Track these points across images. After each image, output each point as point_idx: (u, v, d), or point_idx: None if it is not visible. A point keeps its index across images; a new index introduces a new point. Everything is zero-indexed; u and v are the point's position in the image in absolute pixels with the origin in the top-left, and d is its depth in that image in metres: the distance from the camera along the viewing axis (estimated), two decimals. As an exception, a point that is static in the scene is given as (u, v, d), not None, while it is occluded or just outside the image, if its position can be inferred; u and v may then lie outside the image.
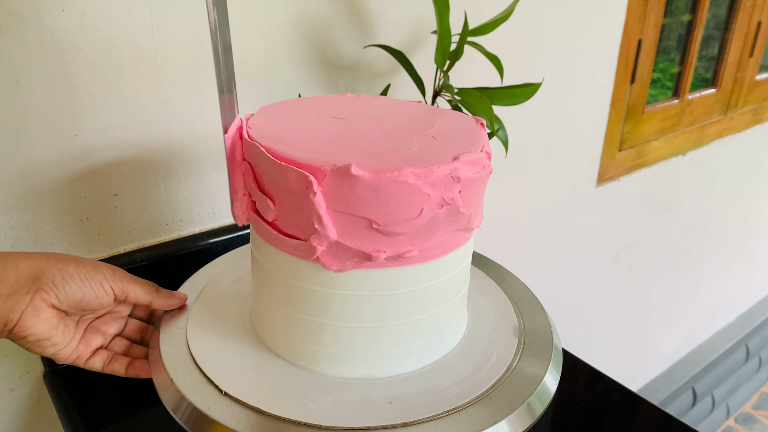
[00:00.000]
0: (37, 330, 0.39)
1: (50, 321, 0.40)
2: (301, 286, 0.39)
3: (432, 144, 0.39)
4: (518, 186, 0.97)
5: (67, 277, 0.40)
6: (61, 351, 0.41)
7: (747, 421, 1.86)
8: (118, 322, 0.46)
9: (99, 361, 0.44)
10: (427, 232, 0.38)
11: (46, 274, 0.40)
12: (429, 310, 0.41)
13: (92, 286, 0.41)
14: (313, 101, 0.47)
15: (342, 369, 0.41)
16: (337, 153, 0.37)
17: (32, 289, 0.39)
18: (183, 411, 0.38)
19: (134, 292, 0.44)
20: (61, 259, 0.41)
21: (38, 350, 0.41)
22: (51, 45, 0.49)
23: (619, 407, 0.53)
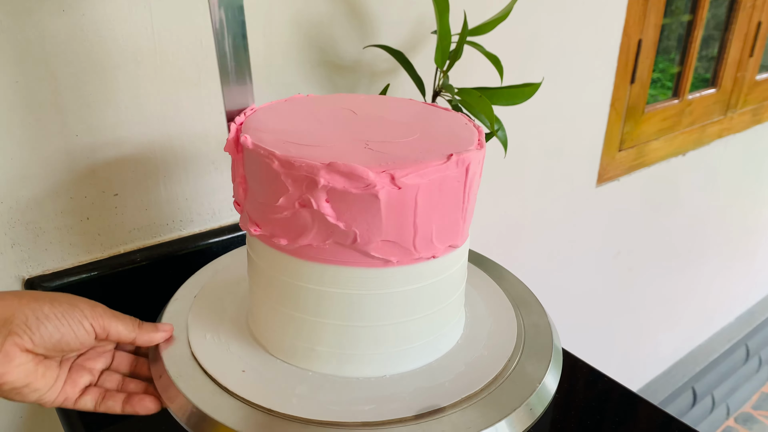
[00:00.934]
0: (13, 377, 0.36)
1: (26, 366, 0.36)
2: (296, 284, 0.39)
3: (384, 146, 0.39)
4: (518, 186, 0.97)
5: (42, 317, 0.37)
6: (44, 396, 0.38)
7: (747, 421, 1.86)
8: (103, 357, 0.42)
9: (90, 400, 0.40)
10: (294, 227, 0.37)
11: (17, 315, 0.36)
12: (425, 310, 0.41)
13: (71, 325, 0.38)
14: (306, 101, 0.48)
15: (340, 368, 0.41)
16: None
17: (2, 333, 0.35)
18: (183, 411, 0.38)
19: (116, 329, 0.40)
20: (35, 298, 0.37)
21: (19, 398, 0.37)
22: (51, 45, 0.49)
23: (619, 407, 0.53)
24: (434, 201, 0.37)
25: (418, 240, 0.38)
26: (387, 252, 0.38)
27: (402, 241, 0.37)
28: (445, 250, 0.40)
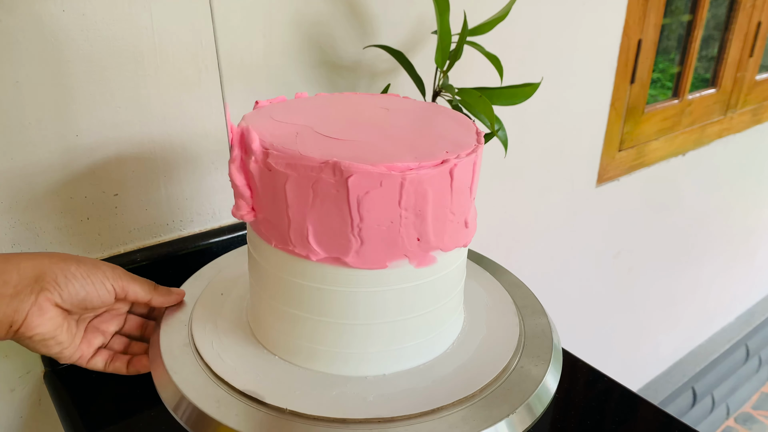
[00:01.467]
0: (43, 329, 0.39)
1: (55, 320, 0.40)
2: (296, 282, 0.40)
3: None
4: (518, 186, 0.97)
5: (70, 276, 0.41)
6: (65, 350, 0.42)
7: (747, 421, 1.86)
8: (117, 319, 0.47)
9: (101, 360, 0.44)
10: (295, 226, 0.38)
11: (48, 273, 0.40)
12: (424, 308, 0.41)
13: (94, 284, 0.42)
14: (308, 100, 0.48)
15: (339, 366, 0.41)
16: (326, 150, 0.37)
17: (36, 289, 0.39)
18: (183, 410, 0.38)
19: (134, 290, 0.45)
20: (63, 259, 0.41)
21: (44, 350, 0.41)
22: (51, 45, 0.49)
23: (619, 407, 0.53)
24: (431, 201, 0.37)
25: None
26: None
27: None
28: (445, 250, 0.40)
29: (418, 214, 0.37)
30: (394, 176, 0.35)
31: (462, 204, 0.39)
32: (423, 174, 0.36)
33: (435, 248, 0.39)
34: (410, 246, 0.38)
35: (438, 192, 0.37)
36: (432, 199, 0.37)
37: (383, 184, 0.35)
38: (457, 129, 0.42)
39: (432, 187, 0.36)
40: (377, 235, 0.37)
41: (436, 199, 0.37)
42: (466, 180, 0.39)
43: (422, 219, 0.37)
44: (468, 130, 0.42)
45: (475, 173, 0.40)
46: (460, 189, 0.38)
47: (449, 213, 0.38)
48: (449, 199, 0.38)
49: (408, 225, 0.37)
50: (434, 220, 0.38)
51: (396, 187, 0.35)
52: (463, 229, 0.41)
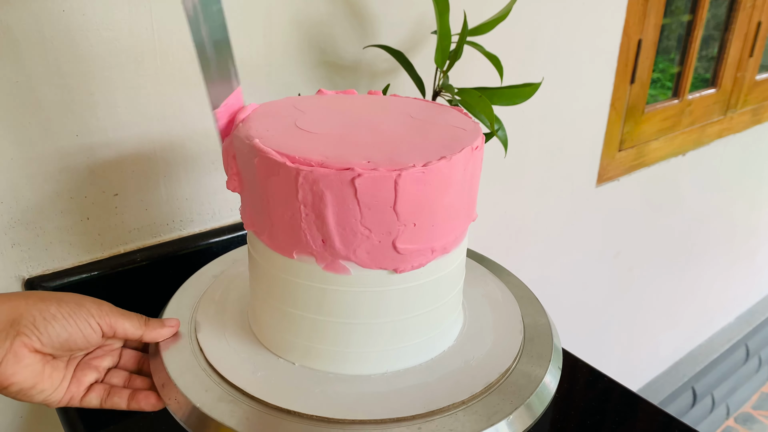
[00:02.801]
0: (20, 378, 0.36)
1: (34, 367, 0.36)
2: (297, 282, 0.40)
3: None
4: (518, 186, 0.97)
5: (49, 317, 0.37)
6: (50, 396, 0.38)
7: (747, 421, 1.86)
8: (110, 355, 0.43)
9: (95, 397, 0.40)
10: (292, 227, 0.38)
11: (25, 316, 0.36)
12: (424, 307, 0.41)
13: (78, 324, 0.38)
14: (308, 100, 0.48)
15: (335, 365, 0.41)
16: (326, 150, 0.37)
17: (11, 334, 0.35)
18: (183, 411, 0.38)
19: (122, 327, 0.41)
20: (42, 299, 0.38)
21: (25, 399, 0.37)
22: (51, 45, 0.49)
23: (619, 407, 0.53)
24: (331, 205, 0.36)
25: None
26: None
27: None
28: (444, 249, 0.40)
29: (318, 215, 0.36)
30: (290, 168, 0.35)
31: (382, 223, 0.36)
32: (319, 173, 0.35)
33: (345, 258, 0.37)
34: (315, 246, 0.37)
35: (339, 199, 0.35)
36: (331, 203, 0.35)
37: (280, 174, 0.36)
38: (446, 139, 0.40)
39: (331, 192, 0.35)
40: (281, 223, 0.38)
41: (337, 206, 0.36)
42: (383, 199, 0.35)
43: (323, 221, 0.36)
44: (454, 145, 0.39)
45: (408, 197, 0.36)
46: (372, 205, 0.35)
47: (359, 226, 0.36)
48: (356, 211, 0.36)
49: (310, 222, 0.37)
50: (338, 227, 0.36)
51: (292, 180, 0.36)
52: (389, 251, 0.37)
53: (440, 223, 0.38)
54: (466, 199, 0.40)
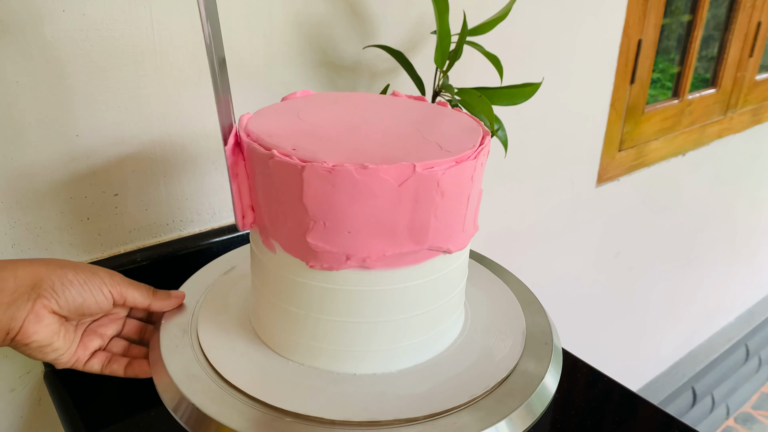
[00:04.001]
0: (40, 336, 0.39)
1: (52, 327, 0.40)
2: (299, 282, 0.40)
3: None
4: (518, 186, 0.97)
5: (67, 283, 0.41)
6: (62, 356, 0.42)
7: (747, 421, 1.86)
8: (115, 323, 0.46)
9: (97, 363, 0.44)
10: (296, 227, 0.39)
11: (45, 280, 0.40)
12: (426, 306, 0.41)
13: (91, 291, 0.42)
14: (310, 100, 0.48)
15: (339, 364, 0.41)
16: (330, 151, 0.37)
17: (32, 296, 0.39)
18: (183, 411, 0.38)
19: (132, 296, 0.44)
20: (60, 265, 0.41)
21: (40, 356, 0.41)
22: (51, 45, 0.49)
23: (619, 407, 0.53)
24: (435, 200, 0.37)
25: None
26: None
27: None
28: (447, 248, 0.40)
29: None
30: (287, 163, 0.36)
31: (294, 211, 0.37)
32: None
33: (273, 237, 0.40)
34: None
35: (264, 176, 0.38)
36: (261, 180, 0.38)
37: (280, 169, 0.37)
38: (466, 130, 0.42)
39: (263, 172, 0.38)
40: (282, 220, 0.39)
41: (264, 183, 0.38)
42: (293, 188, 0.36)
43: None
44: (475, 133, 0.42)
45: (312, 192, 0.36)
46: (285, 191, 0.37)
47: (279, 207, 0.39)
48: (273, 192, 0.38)
49: None
50: (266, 204, 0.39)
51: None
52: (302, 242, 0.38)
53: (358, 231, 0.37)
54: (407, 219, 0.37)
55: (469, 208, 0.40)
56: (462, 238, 0.41)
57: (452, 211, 0.39)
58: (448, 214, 0.38)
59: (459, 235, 0.40)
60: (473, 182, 0.39)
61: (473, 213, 0.41)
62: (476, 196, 0.41)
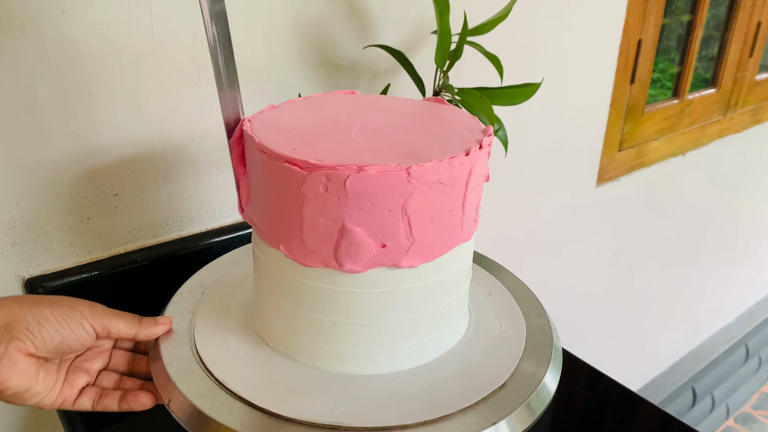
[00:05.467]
0: (15, 382, 0.36)
1: (28, 371, 0.37)
2: (303, 283, 0.40)
3: None
4: (518, 186, 0.97)
5: (43, 321, 0.37)
6: (44, 399, 0.38)
7: (747, 421, 1.86)
8: (101, 357, 0.43)
9: (87, 400, 0.41)
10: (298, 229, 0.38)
11: (19, 320, 0.36)
12: (429, 308, 0.41)
13: (71, 327, 0.38)
14: (314, 101, 0.48)
15: (343, 366, 0.41)
16: (338, 153, 0.37)
17: (5, 339, 0.36)
18: (183, 411, 0.38)
19: (116, 327, 0.41)
20: (35, 303, 0.38)
21: (19, 402, 0.38)
22: (51, 45, 0.49)
23: (619, 407, 0.53)
24: (435, 201, 0.37)
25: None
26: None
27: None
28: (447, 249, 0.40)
29: None
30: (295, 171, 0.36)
31: None
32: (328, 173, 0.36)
33: None
34: None
35: None
36: None
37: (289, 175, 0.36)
38: (468, 130, 0.42)
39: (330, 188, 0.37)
40: (288, 224, 0.39)
41: None
42: None
43: None
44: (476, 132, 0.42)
45: None
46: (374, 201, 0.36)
47: None
48: None
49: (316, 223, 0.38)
50: None
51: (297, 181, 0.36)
52: None
53: (359, 230, 0.37)
54: (408, 218, 0.37)
55: (470, 207, 0.40)
56: (463, 236, 0.41)
57: (455, 210, 0.39)
58: (450, 213, 0.38)
59: (458, 235, 0.40)
60: (476, 180, 0.39)
61: (474, 212, 0.42)
62: (478, 194, 0.41)
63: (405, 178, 0.35)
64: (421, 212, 0.37)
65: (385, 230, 0.37)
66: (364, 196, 0.36)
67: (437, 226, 0.38)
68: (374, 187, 0.35)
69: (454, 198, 0.38)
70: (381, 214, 0.36)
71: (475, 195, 0.40)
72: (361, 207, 0.36)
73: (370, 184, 0.35)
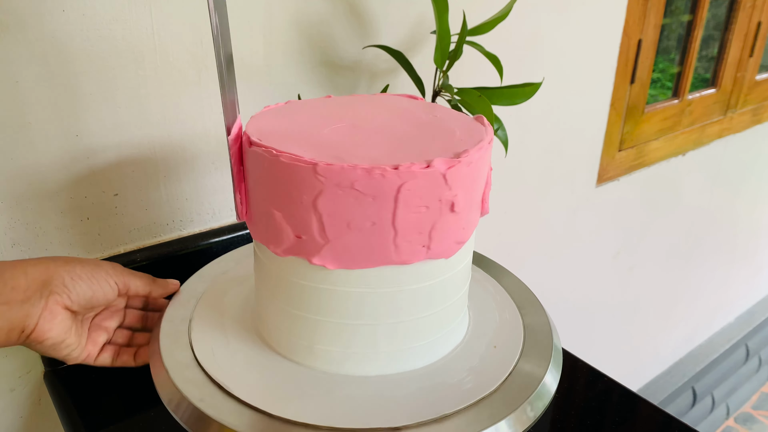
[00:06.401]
0: (54, 333, 0.40)
1: (65, 323, 0.41)
2: (303, 284, 0.40)
3: None
4: (518, 186, 0.97)
5: (76, 277, 0.41)
6: (73, 351, 0.42)
7: (747, 421, 1.86)
8: (117, 315, 0.47)
9: (108, 356, 0.45)
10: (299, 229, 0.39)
11: (55, 277, 0.40)
12: (429, 309, 0.41)
13: (99, 283, 0.43)
14: (310, 103, 0.48)
15: (342, 367, 0.41)
16: (339, 153, 0.37)
17: (45, 293, 0.40)
18: (183, 411, 0.38)
19: (135, 284, 0.46)
20: (67, 261, 0.42)
21: (53, 353, 0.41)
22: (51, 45, 0.49)
23: (619, 407, 0.53)
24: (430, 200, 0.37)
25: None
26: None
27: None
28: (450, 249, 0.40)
29: None
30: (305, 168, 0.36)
31: None
32: None
33: None
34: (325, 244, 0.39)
35: None
36: None
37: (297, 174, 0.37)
38: (470, 129, 0.42)
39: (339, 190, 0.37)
40: (290, 224, 0.39)
41: None
42: None
43: None
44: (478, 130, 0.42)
45: None
46: None
47: None
48: None
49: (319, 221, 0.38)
50: None
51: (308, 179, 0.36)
52: None
53: (362, 230, 0.37)
54: (408, 218, 0.37)
55: (408, 228, 0.38)
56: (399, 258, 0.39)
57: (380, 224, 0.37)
58: (373, 226, 0.37)
59: (458, 235, 0.40)
60: (414, 200, 0.37)
61: (420, 236, 0.39)
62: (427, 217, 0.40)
63: (312, 173, 0.35)
64: (335, 214, 0.36)
65: (300, 221, 0.37)
66: (279, 182, 0.37)
67: (357, 236, 0.37)
68: (285, 175, 0.36)
69: (378, 211, 0.36)
70: (294, 204, 0.37)
71: (419, 217, 0.37)
72: (278, 192, 0.37)
73: (281, 171, 0.36)
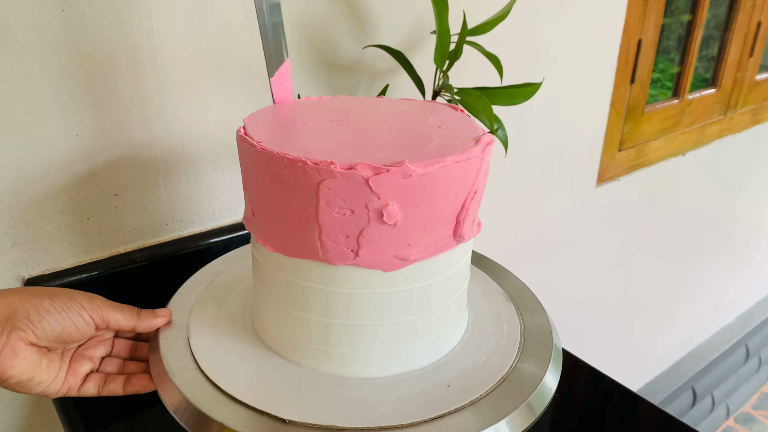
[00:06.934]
0: (18, 371, 0.37)
1: (30, 359, 0.38)
2: (301, 284, 0.39)
3: None
4: (518, 186, 0.97)
5: (43, 311, 0.38)
6: (48, 387, 0.40)
7: (747, 421, 1.86)
8: (103, 345, 0.44)
9: (93, 386, 0.42)
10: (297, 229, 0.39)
11: (19, 311, 0.38)
12: (428, 309, 0.41)
13: (71, 317, 0.40)
14: (311, 103, 0.48)
15: (342, 367, 0.41)
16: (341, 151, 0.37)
17: (6, 329, 0.37)
18: (183, 411, 0.38)
19: (114, 319, 0.42)
20: (34, 294, 0.39)
21: (24, 391, 0.39)
22: (51, 45, 0.49)
23: (619, 407, 0.53)
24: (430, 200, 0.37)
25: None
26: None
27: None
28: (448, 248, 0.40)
29: None
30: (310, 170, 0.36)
31: None
32: None
33: None
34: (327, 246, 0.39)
35: None
36: None
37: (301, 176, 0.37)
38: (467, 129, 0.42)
39: None
40: (289, 225, 0.40)
41: None
42: None
43: None
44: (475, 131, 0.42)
45: None
46: None
47: None
48: None
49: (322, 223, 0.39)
50: None
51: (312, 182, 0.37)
52: None
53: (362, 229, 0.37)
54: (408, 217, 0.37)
55: (335, 231, 0.38)
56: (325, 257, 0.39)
57: (304, 218, 0.37)
58: (299, 218, 0.37)
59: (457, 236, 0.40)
60: (438, 196, 0.38)
61: (438, 231, 0.39)
62: (480, 193, 0.41)
63: (254, 153, 0.37)
64: (268, 197, 0.38)
65: (251, 199, 0.40)
66: (244, 161, 0.39)
67: (288, 224, 0.38)
68: (245, 154, 0.39)
69: (303, 203, 0.36)
70: (247, 182, 0.40)
71: (343, 219, 0.36)
72: (245, 171, 0.40)
73: (243, 151, 0.39)
